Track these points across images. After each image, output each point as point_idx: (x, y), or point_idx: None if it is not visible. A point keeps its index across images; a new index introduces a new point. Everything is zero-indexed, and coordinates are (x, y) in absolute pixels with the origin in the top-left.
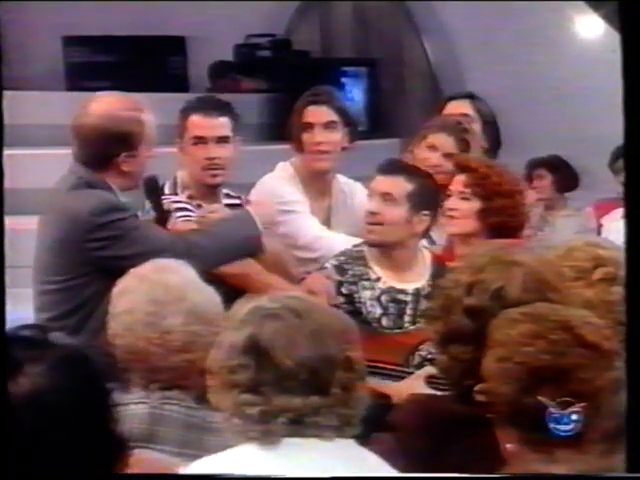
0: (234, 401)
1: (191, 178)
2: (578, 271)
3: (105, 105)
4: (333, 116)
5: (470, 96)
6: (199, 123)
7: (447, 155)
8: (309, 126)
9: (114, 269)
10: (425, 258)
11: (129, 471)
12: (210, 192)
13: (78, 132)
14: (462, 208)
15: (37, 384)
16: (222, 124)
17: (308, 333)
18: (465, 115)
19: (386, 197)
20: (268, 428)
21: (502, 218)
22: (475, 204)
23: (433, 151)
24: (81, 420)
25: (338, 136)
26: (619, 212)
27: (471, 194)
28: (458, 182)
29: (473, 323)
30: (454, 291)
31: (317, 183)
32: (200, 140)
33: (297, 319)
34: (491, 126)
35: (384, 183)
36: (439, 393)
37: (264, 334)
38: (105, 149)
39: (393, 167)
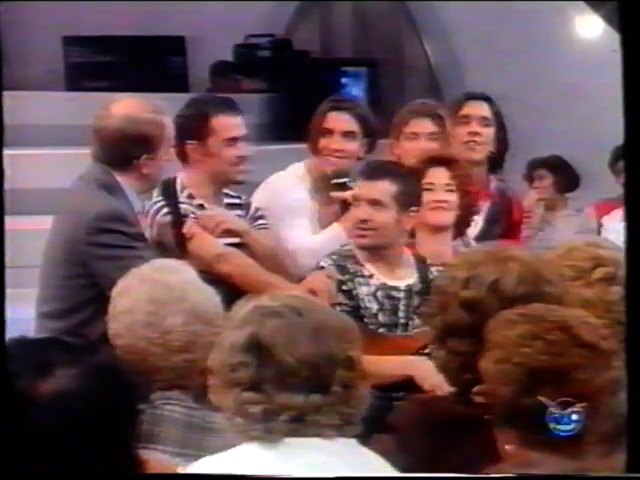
0: (236, 400)
1: (210, 177)
2: (577, 271)
3: (126, 107)
4: (353, 125)
5: (487, 98)
6: (231, 123)
7: (430, 137)
8: (328, 132)
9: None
10: (408, 255)
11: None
12: (214, 192)
13: (100, 133)
14: (450, 200)
15: (64, 387)
16: (242, 123)
17: (309, 331)
18: (484, 118)
19: (374, 203)
20: (270, 427)
21: (468, 211)
22: (457, 196)
23: (416, 138)
24: (98, 428)
25: (355, 146)
26: (619, 212)
27: (456, 186)
28: (440, 175)
29: (470, 316)
30: (450, 287)
31: (328, 187)
32: (233, 140)
33: (298, 317)
34: (503, 131)
35: (370, 189)
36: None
37: (265, 332)
38: (127, 151)
39: (376, 171)
